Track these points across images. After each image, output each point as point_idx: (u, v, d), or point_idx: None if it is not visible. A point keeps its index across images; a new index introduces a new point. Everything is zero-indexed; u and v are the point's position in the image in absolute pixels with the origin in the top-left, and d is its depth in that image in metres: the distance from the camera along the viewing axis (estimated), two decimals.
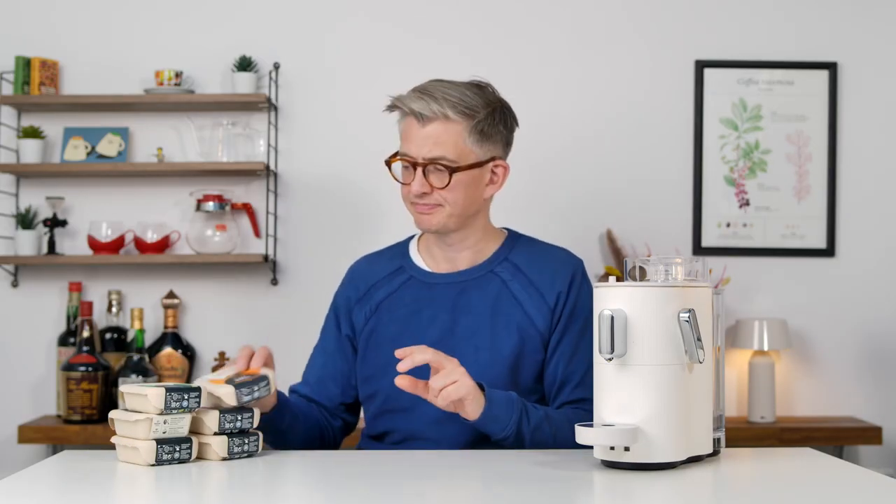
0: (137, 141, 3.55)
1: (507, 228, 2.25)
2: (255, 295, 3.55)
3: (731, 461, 1.82)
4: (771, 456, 1.94)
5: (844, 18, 3.58)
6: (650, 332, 1.69)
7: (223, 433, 1.80)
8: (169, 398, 1.72)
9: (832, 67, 3.55)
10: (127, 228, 3.49)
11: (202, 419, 1.79)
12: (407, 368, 1.86)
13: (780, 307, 3.55)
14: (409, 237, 2.28)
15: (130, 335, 3.39)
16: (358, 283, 2.23)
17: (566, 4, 3.58)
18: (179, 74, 3.45)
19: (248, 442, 1.83)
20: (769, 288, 3.57)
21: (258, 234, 3.53)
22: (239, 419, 1.81)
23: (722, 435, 1.85)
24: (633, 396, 1.70)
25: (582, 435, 1.68)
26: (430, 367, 1.88)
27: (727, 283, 3.50)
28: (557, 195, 3.55)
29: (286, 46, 3.55)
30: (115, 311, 3.47)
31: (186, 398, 1.75)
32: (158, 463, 1.72)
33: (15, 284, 3.53)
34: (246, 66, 3.46)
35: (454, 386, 1.85)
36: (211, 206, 3.42)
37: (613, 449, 1.69)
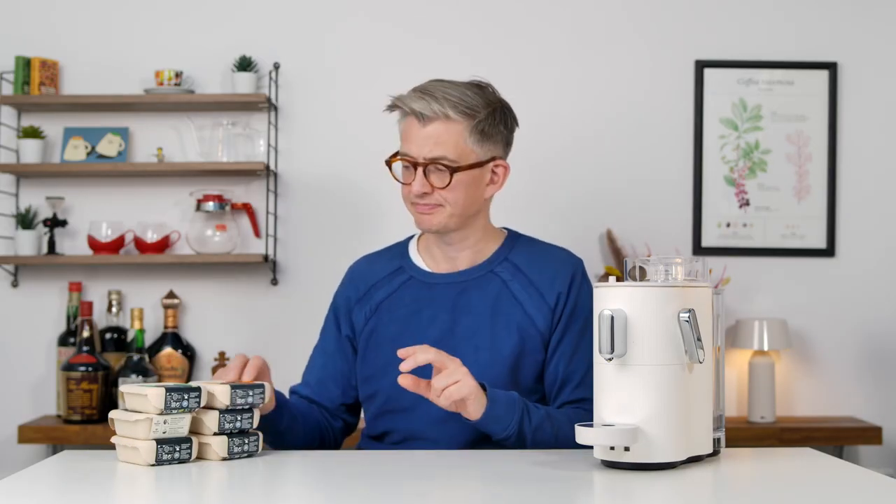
0: (137, 141, 3.55)
1: (506, 228, 2.25)
2: (255, 295, 3.55)
3: (731, 461, 1.82)
4: (771, 456, 1.94)
5: (844, 18, 3.58)
6: (650, 332, 1.69)
7: (223, 433, 1.80)
8: (169, 398, 1.72)
9: (832, 67, 3.55)
10: (127, 228, 3.49)
11: (202, 419, 1.79)
12: (410, 368, 1.85)
13: (780, 307, 3.55)
14: (408, 237, 2.28)
15: (130, 335, 3.39)
16: (358, 283, 2.23)
17: (566, 4, 3.58)
18: (179, 74, 3.45)
19: (248, 442, 1.83)
20: (769, 288, 3.57)
21: (258, 234, 3.53)
22: (239, 419, 1.81)
23: (722, 435, 1.85)
24: (633, 396, 1.70)
25: (582, 435, 1.68)
26: (431, 366, 1.89)
27: (727, 283, 3.50)
28: (557, 195, 3.55)
29: (286, 46, 3.55)
30: (115, 311, 3.47)
31: (186, 398, 1.74)
32: (158, 463, 1.72)
33: (15, 284, 3.53)
34: (246, 66, 3.46)
35: (456, 386, 1.85)
36: (211, 206, 3.42)
37: (613, 449, 1.69)
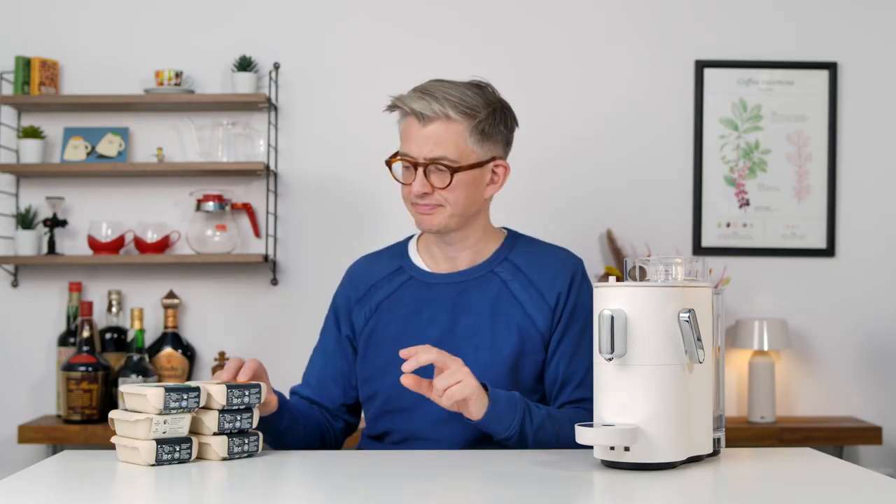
0: (137, 141, 3.55)
1: (506, 228, 2.25)
2: (255, 295, 3.55)
3: (731, 461, 1.82)
4: (771, 456, 1.94)
5: (844, 18, 3.58)
6: (650, 332, 1.69)
7: (223, 433, 1.80)
8: (168, 398, 1.72)
9: (832, 67, 3.55)
10: (127, 228, 3.49)
11: (202, 419, 1.79)
12: (412, 368, 1.85)
13: (780, 307, 3.55)
14: (408, 237, 2.28)
15: (130, 335, 3.39)
16: (358, 283, 2.23)
17: (566, 4, 3.58)
18: (179, 74, 3.45)
19: (248, 442, 1.83)
20: (769, 288, 3.57)
21: (258, 234, 3.53)
22: (238, 419, 1.81)
23: (722, 435, 1.84)
24: (633, 396, 1.70)
25: (582, 435, 1.68)
26: (433, 366, 1.88)
27: (727, 283, 3.50)
28: (557, 195, 3.55)
29: (286, 46, 3.55)
30: (115, 311, 3.47)
31: (185, 398, 1.74)
32: (158, 463, 1.72)
33: (15, 284, 3.53)
34: (246, 66, 3.46)
35: (458, 386, 1.85)
36: (211, 206, 3.42)
37: (613, 449, 1.69)
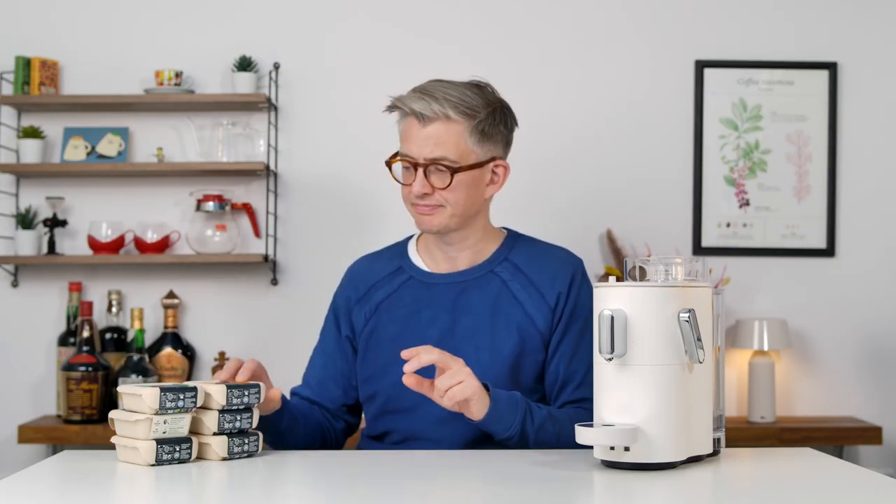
0: (137, 141, 3.55)
1: (506, 228, 2.25)
2: (255, 295, 3.55)
3: (731, 461, 1.82)
4: (771, 456, 1.94)
5: (844, 18, 3.58)
6: (650, 332, 1.69)
7: (223, 433, 1.80)
8: (164, 398, 1.72)
9: (832, 67, 3.55)
10: (127, 228, 3.49)
11: (202, 419, 1.79)
12: (413, 369, 1.85)
13: (780, 307, 3.55)
14: (407, 237, 2.27)
15: (130, 335, 3.39)
16: (357, 283, 2.23)
17: (566, 4, 3.58)
18: (179, 74, 3.45)
19: (247, 442, 1.83)
20: (769, 288, 3.57)
21: (258, 234, 3.53)
22: (238, 419, 1.81)
23: (722, 435, 1.84)
24: (633, 396, 1.70)
25: (582, 435, 1.68)
26: (434, 366, 1.88)
27: (727, 283, 3.50)
28: (557, 195, 3.55)
29: (286, 46, 3.55)
30: (115, 311, 3.47)
31: (182, 398, 1.74)
32: (158, 463, 1.72)
33: (15, 284, 3.53)
34: (246, 66, 3.46)
35: (460, 386, 1.85)
36: (211, 206, 3.42)
37: (613, 449, 1.69)
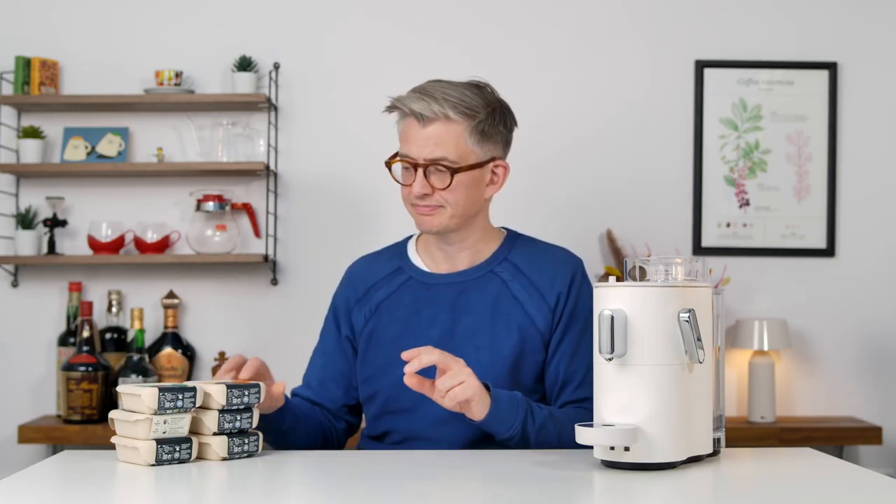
0: (137, 141, 3.55)
1: (505, 228, 2.25)
2: (255, 295, 3.55)
3: (731, 461, 1.82)
4: (771, 456, 1.94)
5: (844, 18, 3.58)
6: (650, 332, 1.69)
7: (223, 433, 1.80)
8: (162, 398, 1.72)
9: (832, 67, 3.55)
10: (127, 228, 3.49)
11: (202, 419, 1.79)
12: (414, 370, 1.85)
13: (780, 307, 3.55)
14: (407, 237, 2.27)
15: (130, 335, 3.39)
16: (357, 283, 2.23)
17: (566, 4, 3.58)
18: (179, 74, 3.45)
19: (248, 442, 1.83)
20: (769, 288, 3.57)
21: (258, 234, 3.53)
22: (238, 419, 1.81)
23: (722, 435, 1.84)
24: (633, 396, 1.70)
25: (582, 435, 1.68)
26: (435, 366, 1.88)
27: (727, 283, 3.50)
28: (557, 195, 3.55)
29: (286, 46, 3.55)
30: (115, 311, 3.47)
31: (181, 398, 1.74)
32: (158, 463, 1.72)
33: (15, 284, 3.53)
34: (246, 66, 3.46)
35: (461, 387, 1.85)
36: (211, 206, 3.42)
37: (613, 449, 1.69)
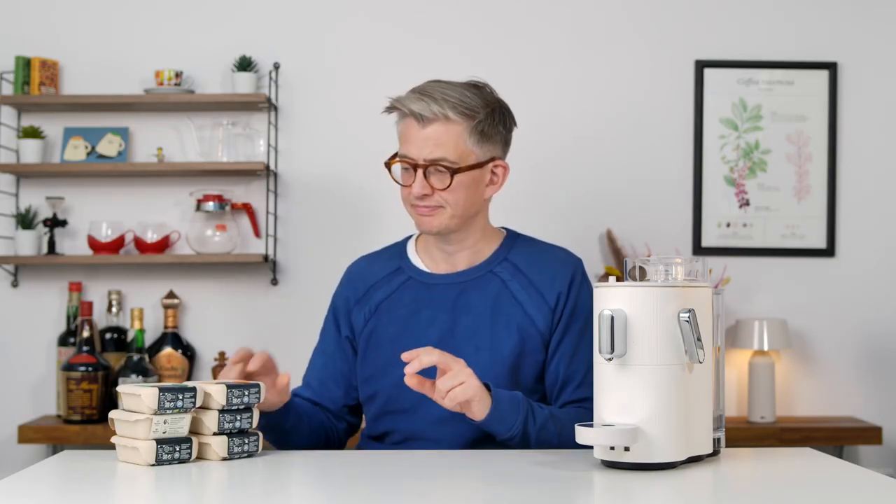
0: (137, 141, 3.55)
1: (505, 228, 2.25)
2: (255, 295, 3.55)
3: (731, 461, 1.82)
4: (771, 456, 1.94)
5: (844, 18, 3.58)
6: (650, 332, 1.69)
7: (223, 433, 1.80)
8: (162, 398, 1.72)
9: (832, 67, 3.55)
10: (127, 228, 3.49)
11: (202, 419, 1.79)
12: (415, 370, 1.85)
13: (780, 307, 3.55)
14: (406, 237, 2.27)
15: (130, 335, 3.39)
16: (356, 283, 2.23)
17: (566, 4, 3.58)
18: (179, 74, 3.45)
19: (248, 442, 1.83)
20: (769, 288, 3.57)
21: (258, 234, 3.53)
22: (238, 419, 1.81)
23: (722, 435, 1.84)
24: (633, 396, 1.69)
25: (582, 435, 1.68)
26: (435, 366, 1.88)
27: (727, 283, 3.50)
28: (557, 195, 3.55)
29: (286, 46, 3.55)
30: (115, 311, 3.47)
31: (181, 398, 1.74)
32: (158, 463, 1.72)
33: (15, 284, 3.53)
34: (246, 66, 3.46)
35: (461, 387, 1.85)
36: (211, 206, 3.42)
37: (613, 449, 1.69)
